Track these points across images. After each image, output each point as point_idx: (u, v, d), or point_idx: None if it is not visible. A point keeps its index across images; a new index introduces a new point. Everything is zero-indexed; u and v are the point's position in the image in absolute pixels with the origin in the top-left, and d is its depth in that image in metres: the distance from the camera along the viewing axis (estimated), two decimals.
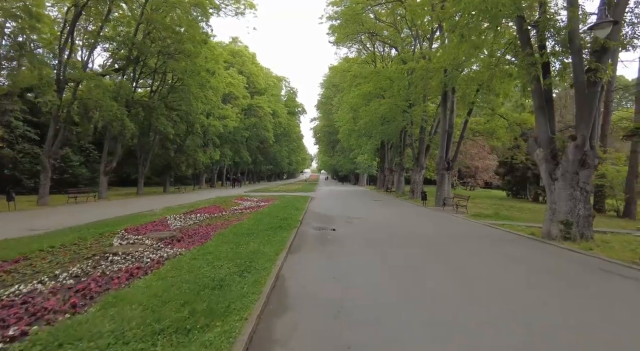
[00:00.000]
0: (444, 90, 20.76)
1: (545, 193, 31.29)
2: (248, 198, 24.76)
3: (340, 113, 40.99)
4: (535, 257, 8.26)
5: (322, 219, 14.52)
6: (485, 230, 12.56)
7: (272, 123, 52.40)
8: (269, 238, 9.03)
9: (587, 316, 4.64)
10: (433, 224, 13.96)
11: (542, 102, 10.78)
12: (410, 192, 27.12)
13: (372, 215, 16.73)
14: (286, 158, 79.37)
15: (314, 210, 17.91)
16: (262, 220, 12.56)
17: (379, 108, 25.82)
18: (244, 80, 41.99)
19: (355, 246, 8.96)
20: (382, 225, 13.20)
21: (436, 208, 20.22)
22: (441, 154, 21.31)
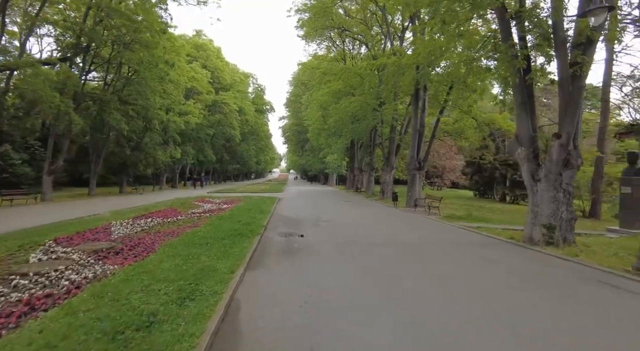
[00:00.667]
0: (416, 88, 20.12)
1: (512, 193, 31.83)
2: (210, 199, 23.13)
3: (309, 111, 39.87)
4: (522, 265, 7.49)
5: (289, 223, 13.32)
6: (463, 234, 11.84)
7: (239, 121, 50.44)
8: (225, 250, 7.73)
9: (600, 341, 3.76)
10: (407, 228, 13.12)
11: (524, 98, 10.14)
12: (381, 192, 26.45)
13: (343, 217, 15.72)
14: (254, 157, 77.25)
15: (281, 213, 16.67)
16: (221, 225, 11.19)
17: (349, 106, 24.93)
18: (208, 75, 39.92)
19: (326, 257, 7.84)
20: (354, 229, 12.19)
21: (407, 210, 19.55)
22: (412, 154, 20.68)
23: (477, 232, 12.10)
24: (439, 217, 16.20)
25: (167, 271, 5.92)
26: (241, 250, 7.79)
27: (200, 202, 20.82)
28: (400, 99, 26.16)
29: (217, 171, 69.97)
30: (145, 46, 23.58)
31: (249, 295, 5.18)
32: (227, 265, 6.46)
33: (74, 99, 21.34)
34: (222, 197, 26.78)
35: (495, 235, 11.46)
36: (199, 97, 38.79)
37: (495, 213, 19.57)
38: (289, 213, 16.51)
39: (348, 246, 9.07)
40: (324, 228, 12.03)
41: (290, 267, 6.85)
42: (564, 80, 9.16)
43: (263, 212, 15.85)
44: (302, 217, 15.32)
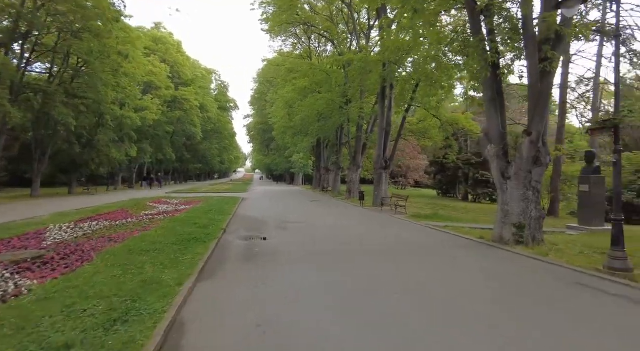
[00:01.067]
0: (382, 87, 19.84)
1: (474, 192, 32.51)
2: (167, 200, 21.73)
3: (274, 109, 38.97)
4: (497, 267, 7.17)
5: (252, 225, 12.47)
6: (432, 234, 11.52)
7: (201, 118, 48.50)
8: (175, 257, 6.84)
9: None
10: (376, 229, 12.66)
11: (493, 94, 9.92)
12: (347, 191, 26.06)
13: (310, 218, 15.07)
14: (217, 156, 74.93)
15: (244, 214, 15.75)
16: (174, 229, 10.18)
17: (316, 103, 24.33)
18: (167, 70, 37.91)
19: (291, 263, 7.13)
20: (321, 230, 11.55)
21: (374, 209, 19.21)
22: (379, 153, 20.39)
23: (445, 231, 11.83)
24: (406, 217, 15.93)
25: (100, 285, 4.98)
26: (194, 257, 6.92)
27: (155, 203, 19.45)
28: (366, 98, 25.90)
29: (178, 171, 67.20)
30: (96, 35, 21.76)
31: (197, 314, 4.36)
32: (175, 275, 5.59)
33: (11, 90, 19.24)
34: (181, 197, 25.37)
35: (464, 234, 11.24)
36: (158, 92, 36.73)
37: (459, 212, 19.67)
38: (253, 215, 15.64)
39: (315, 250, 8.42)
40: (290, 231, 11.30)
41: (249, 277, 6.08)
42: (533, 76, 8.99)
43: (224, 213, 14.88)
44: (267, 218, 14.50)
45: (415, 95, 18.47)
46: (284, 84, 33.69)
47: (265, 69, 54.11)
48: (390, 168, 20.86)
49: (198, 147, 61.38)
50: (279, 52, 40.01)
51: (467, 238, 10.48)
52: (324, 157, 37.05)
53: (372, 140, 26.62)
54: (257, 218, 14.24)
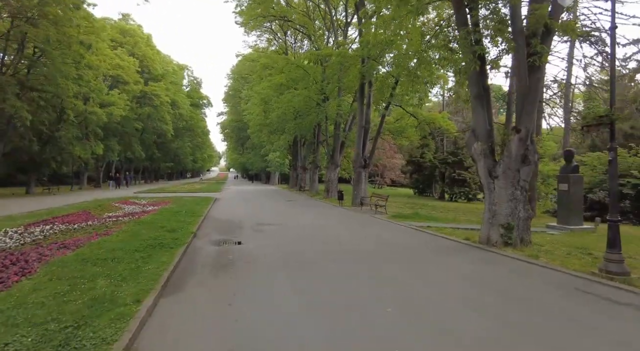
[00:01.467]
0: (361, 83, 19.34)
1: (451, 191, 32.66)
2: (135, 201, 20.46)
3: (250, 105, 37.90)
4: (490, 273, 6.72)
5: (225, 228, 11.63)
6: (415, 235, 11.06)
7: (172, 115, 46.65)
8: (136, 267, 5.98)
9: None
10: (357, 231, 12.09)
11: (480, 90, 9.53)
12: (325, 191, 25.47)
13: (287, 219, 14.34)
14: (190, 155, 72.65)
15: (217, 216, 14.83)
16: (138, 233, 9.22)
17: (293, 100, 23.57)
18: (136, 64, 36.04)
19: (267, 271, 6.41)
20: (300, 233, 10.86)
21: (354, 209, 18.69)
22: (358, 151, 19.89)
23: (428, 232, 11.40)
24: (387, 217, 15.49)
25: (37, 306, 4.11)
26: (158, 266, 6.07)
27: (121, 204, 18.20)
28: (344, 95, 25.40)
29: (149, 169, 64.70)
30: (54, 22, 20.13)
31: (155, 343, 3.59)
32: (133, 290, 4.77)
33: None
34: (149, 197, 24.05)
35: (448, 235, 10.85)
36: (126, 87, 34.86)
37: (439, 212, 19.47)
38: (227, 216, 14.74)
39: (294, 256, 7.72)
40: (267, 234, 10.55)
41: (220, 290, 5.31)
42: (521, 71, 8.64)
43: (195, 215, 13.92)
44: (242, 220, 13.65)
45: (395, 92, 18.09)
46: (259, 80, 32.73)
47: (239, 65, 52.80)
48: (370, 167, 20.43)
49: (169, 145, 59.22)
50: (254, 48, 39.01)
51: (452, 240, 10.07)
52: (300, 156, 36.32)
53: (351, 138, 26.15)
54: (231, 220, 13.38)
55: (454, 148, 30.56)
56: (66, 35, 20.55)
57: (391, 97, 18.85)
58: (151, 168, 65.87)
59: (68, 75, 22.36)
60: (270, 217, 14.70)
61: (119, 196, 24.38)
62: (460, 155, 29.83)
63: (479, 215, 19.43)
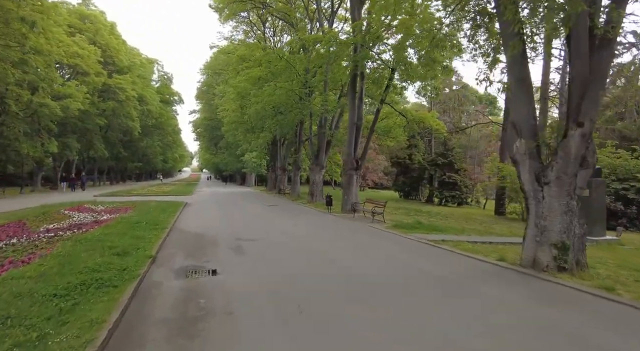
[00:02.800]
0: (353, 75, 17.25)
1: (440, 195, 30.96)
2: (91, 206, 17.57)
3: (224, 100, 35.16)
4: (568, 318, 4.67)
5: (195, 245, 9.17)
6: (434, 254, 8.99)
7: (139, 111, 43.04)
8: (41, 336, 3.55)
9: None
10: (361, 246, 9.92)
11: (523, 72, 7.59)
12: (310, 194, 23.20)
13: (272, 230, 11.98)
14: (160, 154, 68.51)
15: (186, 228, 12.28)
16: (74, 259, 6.66)
17: (274, 93, 21.12)
18: (97, 53, 32.50)
19: (259, 335, 4.10)
20: (292, 254, 8.56)
21: (345, 216, 16.54)
22: (349, 151, 17.77)
23: (448, 249, 9.38)
24: (387, 226, 13.42)
25: None
26: (79, 332, 3.65)
27: (72, 211, 15.35)
28: (331, 89, 23.28)
29: (114, 170, 60.26)
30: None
31: None
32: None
33: None
34: (110, 202, 21.12)
35: (473, 253, 8.86)
36: (86, 78, 31.34)
37: (438, 219, 17.64)
38: (198, 228, 12.21)
39: (293, 296, 5.43)
40: (249, 256, 8.18)
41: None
42: (582, 45, 6.74)
43: (158, 226, 11.33)
44: (216, 233, 11.20)
45: (392, 82, 16.13)
46: (235, 74, 30.08)
47: (213, 59, 49.81)
48: (362, 168, 18.35)
49: (137, 144, 55.26)
50: (230, 40, 36.29)
51: (485, 261, 8.07)
52: (280, 156, 33.78)
53: (337, 137, 24.08)
54: (203, 234, 10.90)
55: (444, 150, 29.06)
56: (2, 9, 17.26)
57: (387, 89, 16.85)
58: (117, 168, 61.50)
59: (5, 58, 18.96)
60: (251, 229, 12.32)
61: (73, 200, 21.21)
62: (450, 157, 28.31)
63: (482, 223, 17.77)
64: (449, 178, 27.12)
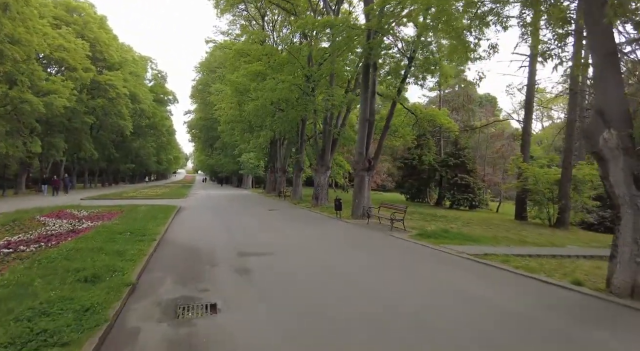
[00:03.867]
0: (365, 64, 15.54)
1: (452, 197, 29.09)
2: (73, 212, 15.77)
3: (221, 97, 33.34)
4: None
5: (189, 265, 7.35)
6: (494, 277, 7.21)
7: (131, 110, 41.04)
8: None
9: None
10: (394, 266, 8.16)
11: (611, 47, 5.91)
12: (314, 198, 21.40)
13: (279, 241, 10.20)
14: (153, 155, 66.36)
15: (178, 239, 10.44)
16: (23, 290, 4.84)
17: (276, 87, 19.27)
18: (85, 47, 30.52)
19: None
20: (310, 278, 6.78)
21: (358, 223, 14.77)
22: (360, 150, 16.03)
23: (502, 268, 7.64)
24: (411, 236, 11.68)
25: None
26: None
27: (49, 218, 13.51)
28: (337, 84, 21.56)
29: (107, 171, 58.08)
30: None
31: None
32: None
33: None
34: (95, 206, 19.27)
35: (533, 273, 7.14)
36: (73, 73, 29.37)
37: (461, 225, 15.90)
38: (192, 239, 10.38)
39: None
40: (258, 280, 6.38)
41: None
42: None
43: (145, 237, 9.49)
44: (214, 246, 9.38)
45: (411, 70, 14.47)
46: (232, 70, 28.25)
47: (210, 56, 48.02)
48: (375, 169, 16.62)
49: (130, 145, 53.22)
50: (228, 34, 34.49)
51: (560, 286, 6.33)
52: (280, 156, 31.93)
53: (345, 136, 22.34)
54: (199, 249, 9.08)
55: (454, 150, 27.38)
56: None
57: (403, 81, 15.16)
58: (110, 170, 59.34)
59: None
60: (255, 239, 10.53)
61: (55, 204, 19.30)
62: (462, 157, 26.62)
63: (509, 230, 15.87)
64: (462, 179, 25.46)
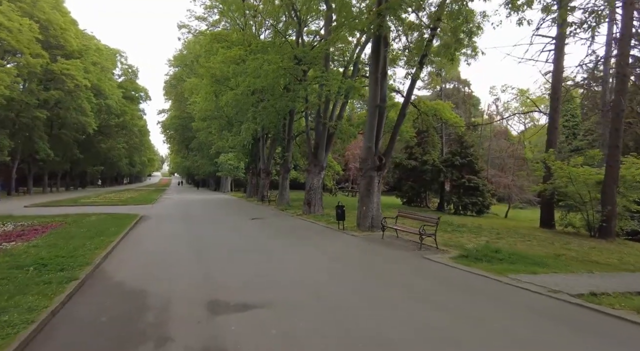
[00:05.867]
0: (376, 37, 12.34)
1: (459, 201, 25.19)
2: None
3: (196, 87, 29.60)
4: None
5: (111, 345, 3.86)
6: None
7: (95, 105, 36.61)
8: None
9: None
10: (464, 324, 4.88)
11: None
12: (306, 204, 17.96)
13: (272, 278, 6.73)
14: (125, 157, 61.34)
15: (117, 273, 6.84)
16: None
17: (261, 71, 15.74)
18: (34, 29, 26.18)
19: None
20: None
21: (370, 237, 11.47)
22: (369, 144, 12.78)
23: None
24: (454, 259, 8.49)
25: None
26: None
27: None
28: (332, 68, 18.31)
29: (70, 174, 52.81)
30: None
31: None
32: None
33: None
34: (34, 216, 15.67)
35: None
36: (18, 58, 25.04)
37: (493, 237, 12.86)
38: (138, 275, 6.79)
39: None
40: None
41: None
42: None
43: (60, 274, 5.89)
44: (171, 290, 5.83)
45: (431, 44, 11.40)
46: (207, 57, 24.58)
47: (184, 51, 43.95)
48: (386, 168, 13.39)
49: (98, 146, 48.34)
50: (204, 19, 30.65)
51: None
52: (263, 156, 28.29)
53: (343, 129, 19.07)
54: (144, 295, 5.55)
55: (460, 148, 24.52)
56: None
57: (425, 56, 12.02)
58: (75, 172, 54.04)
59: None
60: (235, 271, 7.08)
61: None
62: (469, 156, 23.79)
63: (553, 243, 13.00)
64: (470, 181, 22.63)
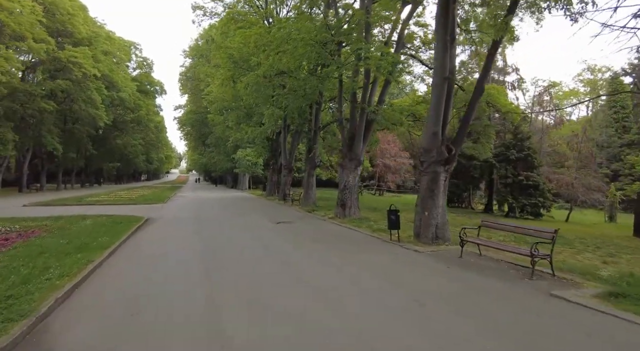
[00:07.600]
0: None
1: (516, 202, 16.61)
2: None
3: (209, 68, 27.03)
4: None
5: None
6: None
7: (107, 98, 34.58)
8: None
9: None
10: None
11: None
12: (340, 205, 14.97)
13: (323, 327, 3.86)
14: (142, 154, 59.67)
15: (61, 346, 4.12)
16: None
17: (289, 43, 12.89)
18: (38, 12, 24.07)
19: None
20: None
21: (441, 253, 8.49)
22: (434, 129, 9.76)
23: None
24: (598, 298, 5.42)
25: None
26: None
27: None
28: (373, 39, 15.27)
29: (85, 171, 51.44)
30: None
31: None
32: None
33: None
34: (25, 217, 13.22)
35: None
36: (21, 43, 22.98)
37: (593, 250, 9.71)
38: (113, 332, 4.05)
39: None
40: None
41: None
42: None
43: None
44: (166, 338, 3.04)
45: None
46: (224, 37, 21.89)
47: (200, 39, 41.59)
48: (454, 161, 10.33)
49: (114, 141, 46.72)
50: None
51: None
52: (285, 151, 25.43)
53: (387, 116, 16.02)
54: None
55: (514, 140, 21.10)
56: None
57: (512, 10, 8.90)
58: (91, 169, 52.68)
59: None
60: (264, 315, 4.23)
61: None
62: (525, 150, 20.39)
63: None
64: (527, 179, 19.31)
